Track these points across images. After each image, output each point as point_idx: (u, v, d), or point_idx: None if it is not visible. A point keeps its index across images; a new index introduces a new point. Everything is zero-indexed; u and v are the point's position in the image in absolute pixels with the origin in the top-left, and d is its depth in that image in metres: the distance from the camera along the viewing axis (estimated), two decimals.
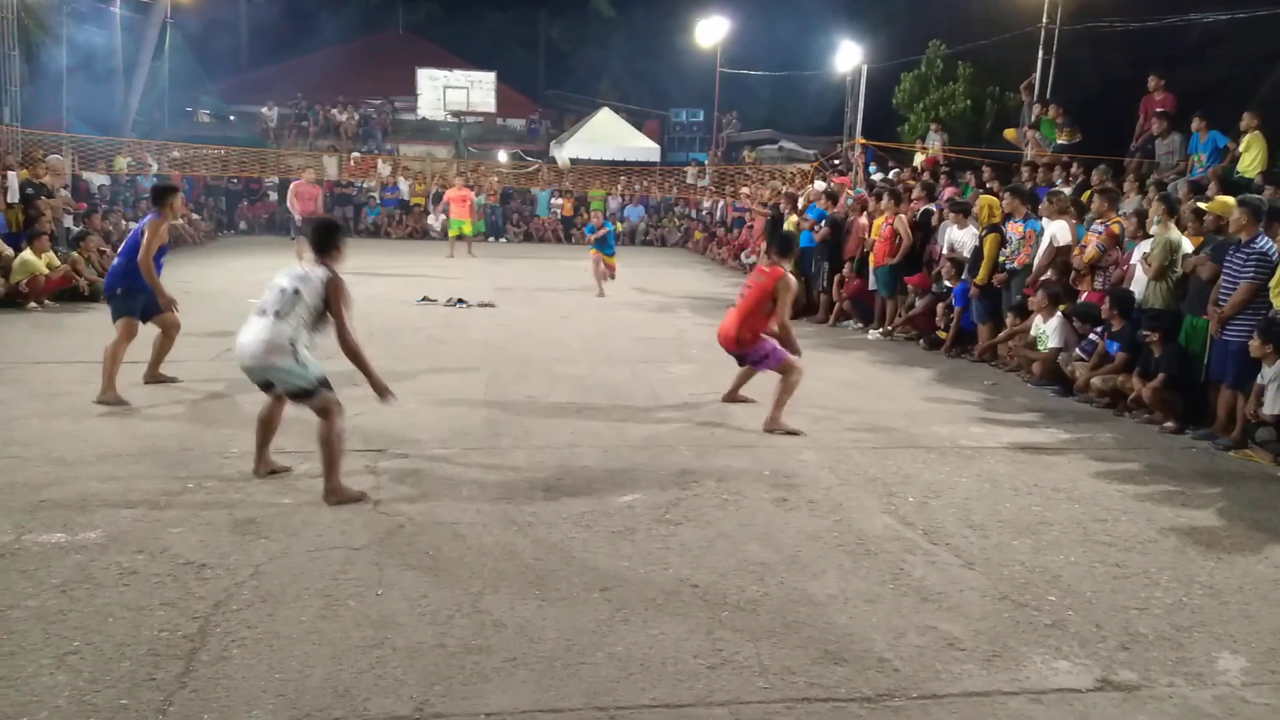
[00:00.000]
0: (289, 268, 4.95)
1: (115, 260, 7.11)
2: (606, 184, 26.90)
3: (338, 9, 36.50)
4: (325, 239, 4.99)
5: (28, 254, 11.18)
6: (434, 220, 23.64)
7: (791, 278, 6.82)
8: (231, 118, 30.65)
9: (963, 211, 10.55)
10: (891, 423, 7.02)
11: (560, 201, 26.02)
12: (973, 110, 23.44)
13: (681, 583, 4.07)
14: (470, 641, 3.51)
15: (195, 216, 21.35)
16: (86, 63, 21.10)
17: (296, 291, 4.79)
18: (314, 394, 4.81)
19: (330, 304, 4.82)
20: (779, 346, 6.72)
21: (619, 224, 25.52)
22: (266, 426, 5.17)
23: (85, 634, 3.43)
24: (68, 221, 14.00)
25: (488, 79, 28.53)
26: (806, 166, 22.14)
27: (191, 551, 4.18)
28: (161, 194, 7.06)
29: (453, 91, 27.78)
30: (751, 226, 18.53)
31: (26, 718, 2.95)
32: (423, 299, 12.44)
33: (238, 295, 12.19)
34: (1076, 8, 16.42)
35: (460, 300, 12.39)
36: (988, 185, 12.13)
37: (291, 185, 17.83)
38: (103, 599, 3.72)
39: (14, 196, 12.50)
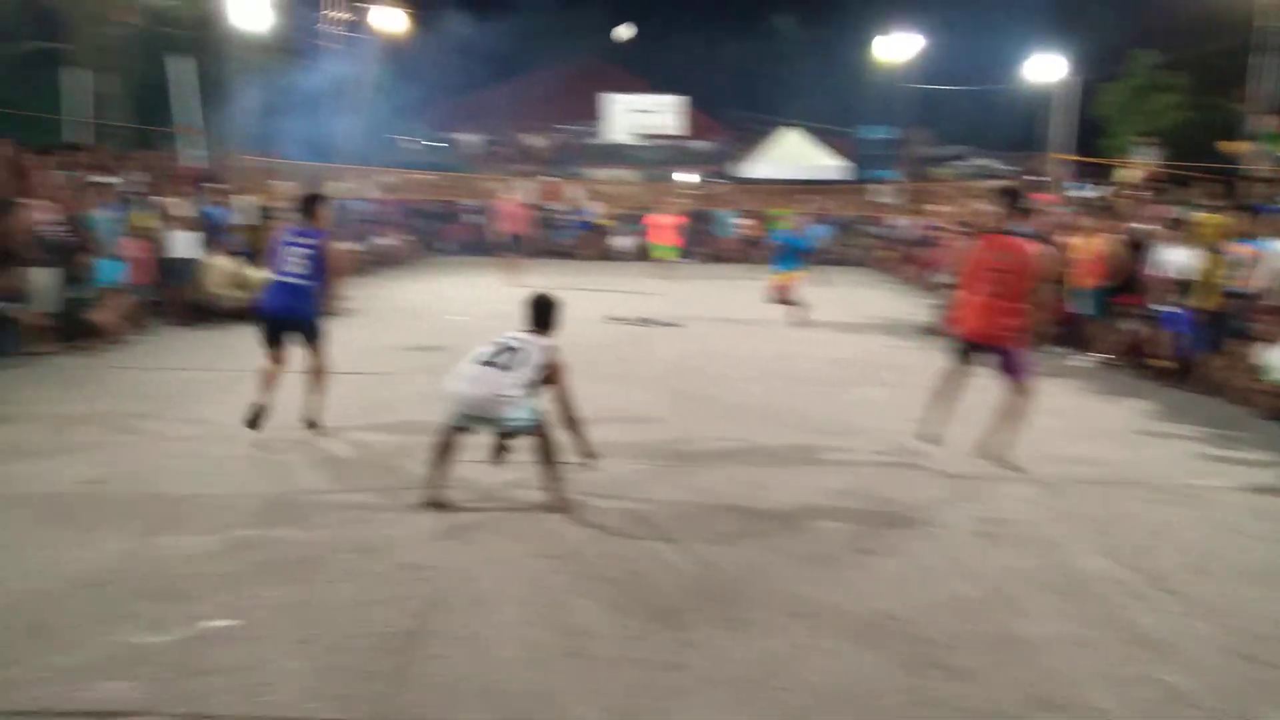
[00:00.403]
0: (510, 331, 5.19)
1: (300, 282, 6.35)
2: (792, 203, 26.72)
3: (535, 40, 38.08)
4: (545, 314, 5.30)
5: (258, 272, 12.23)
6: (623, 241, 24.20)
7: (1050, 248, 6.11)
8: (434, 144, 32.52)
9: (1180, 230, 9.83)
10: (1106, 456, 6.59)
11: (744, 221, 26.06)
12: (1189, 122, 21.85)
13: (880, 614, 3.97)
14: (665, 658, 3.55)
15: (404, 237, 22.78)
16: (312, 94, 22.93)
17: (517, 351, 5.03)
18: (540, 427, 5.03)
19: (553, 377, 5.08)
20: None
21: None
22: (450, 450, 5.12)
23: (316, 625, 3.70)
24: None
25: (675, 102, 29.03)
26: (1005, 183, 21.23)
27: (407, 553, 4.43)
28: (316, 201, 6.63)
29: (641, 115, 28.40)
30: (944, 246, 17.93)
31: (266, 698, 3.21)
32: (610, 318, 12.73)
33: (439, 310, 12.96)
34: None
35: (647, 319, 12.59)
36: (1207, 202, 11.25)
37: (496, 204, 18.29)
38: (331, 593, 4.00)
39: (252, 219, 13.70)
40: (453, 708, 3.20)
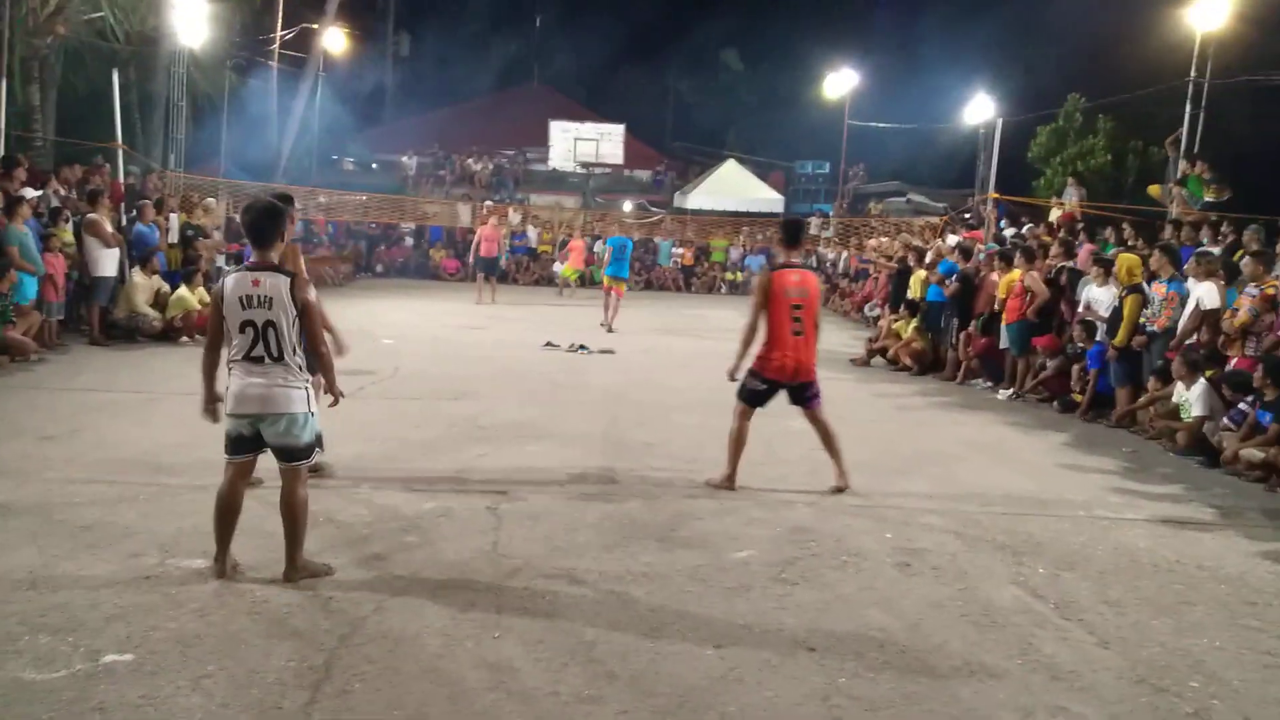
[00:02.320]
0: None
1: None
2: (729, 234, 27.15)
3: (477, 64, 38.15)
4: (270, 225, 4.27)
5: (184, 291, 11.95)
6: (558, 267, 24.31)
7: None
8: (374, 166, 32.20)
9: (1104, 268, 10.14)
10: (1021, 488, 6.75)
11: (681, 251, 26.39)
12: (1114, 165, 22.62)
13: (797, 645, 3.98)
14: (583, 691, 3.51)
15: (337, 258, 22.54)
16: (244, 113, 22.59)
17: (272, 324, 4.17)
18: (313, 451, 4.40)
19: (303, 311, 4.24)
20: None
21: (738, 274, 25.61)
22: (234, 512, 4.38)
23: (219, 659, 3.58)
24: (220, 261, 14.90)
25: (617, 131, 29.20)
26: (935, 220, 21.79)
27: (319, 584, 4.32)
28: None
29: (583, 143, 28.54)
30: (876, 279, 18.31)
31: None
32: (546, 344, 12.70)
33: (376, 334, 12.75)
34: (1229, 61, 15.68)
35: (582, 346, 12.59)
36: (1129, 243, 11.65)
37: (479, 230, 19.85)
38: (237, 625, 3.88)
39: (174, 237, 13.42)
40: None
